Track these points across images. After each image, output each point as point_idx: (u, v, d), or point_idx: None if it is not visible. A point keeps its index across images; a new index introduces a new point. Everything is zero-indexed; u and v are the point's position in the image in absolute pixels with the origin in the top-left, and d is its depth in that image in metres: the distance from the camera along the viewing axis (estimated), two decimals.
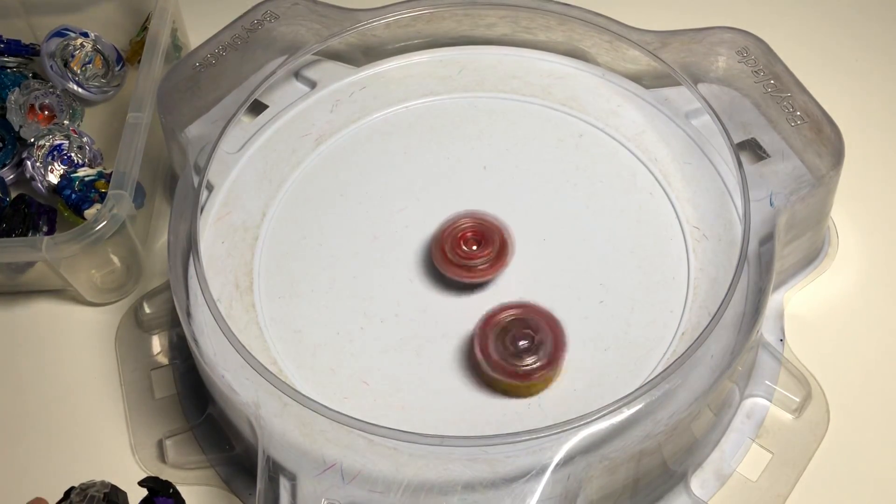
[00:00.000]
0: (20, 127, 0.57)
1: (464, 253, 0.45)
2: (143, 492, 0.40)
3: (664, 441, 0.40)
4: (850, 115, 0.54)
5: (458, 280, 0.45)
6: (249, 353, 0.41)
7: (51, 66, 0.59)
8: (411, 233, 0.48)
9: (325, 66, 0.55)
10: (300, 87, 0.55)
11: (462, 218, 0.47)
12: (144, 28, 0.61)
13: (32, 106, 0.58)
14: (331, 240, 0.48)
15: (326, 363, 0.44)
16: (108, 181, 0.51)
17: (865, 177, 0.54)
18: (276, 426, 0.41)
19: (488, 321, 0.43)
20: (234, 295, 0.46)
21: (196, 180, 0.48)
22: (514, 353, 0.42)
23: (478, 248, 0.46)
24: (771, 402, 0.46)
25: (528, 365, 0.41)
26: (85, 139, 0.56)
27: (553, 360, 0.42)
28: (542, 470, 0.38)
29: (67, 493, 0.39)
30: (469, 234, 0.46)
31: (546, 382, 0.42)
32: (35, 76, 0.61)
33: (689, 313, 0.44)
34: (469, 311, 0.45)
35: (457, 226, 0.46)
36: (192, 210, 0.47)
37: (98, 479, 0.40)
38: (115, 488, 0.39)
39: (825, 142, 0.46)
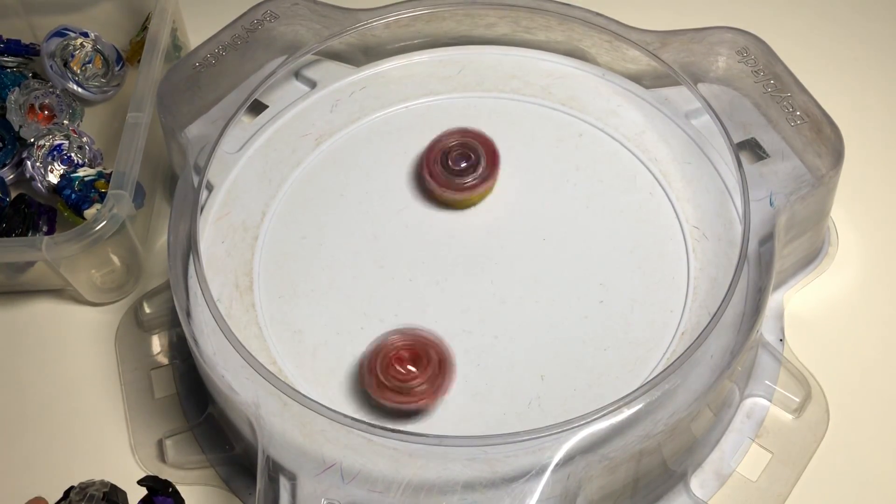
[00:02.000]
0: (20, 127, 0.57)
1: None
2: (143, 491, 0.40)
3: (664, 441, 0.40)
4: (850, 115, 0.54)
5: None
6: (249, 353, 0.41)
7: (51, 66, 0.59)
8: (411, 233, 0.48)
9: (325, 66, 0.55)
10: (300, 86, 0.55)
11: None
12: (144, 28, 0.61)
13: (32, 106, 0.58)
14: (331, 240, 0.48)
15: (326, 363, 0.44)
16: (108, 181, 0.51)
17: (865, 177, 0.54)
18: (276, 426, 0.41)
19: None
20: (234, 295, 0.46)
21: (196, 180, 0.48)
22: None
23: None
24: (771, 401, 0.46)
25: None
26: (85, 139, 0.56)
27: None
28: (542, 470, 0.38)
29: (67, 493, 0.39)
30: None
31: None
32: (35, 76, 0.61)
33: (689, 313, 0.44)
34: (470, 310, 0.45)
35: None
36: (192, 210, 0.47)
37: (98, 478, 0.40)
38: (114, 487, 0.39)
39: (825, 142, 0.46)
